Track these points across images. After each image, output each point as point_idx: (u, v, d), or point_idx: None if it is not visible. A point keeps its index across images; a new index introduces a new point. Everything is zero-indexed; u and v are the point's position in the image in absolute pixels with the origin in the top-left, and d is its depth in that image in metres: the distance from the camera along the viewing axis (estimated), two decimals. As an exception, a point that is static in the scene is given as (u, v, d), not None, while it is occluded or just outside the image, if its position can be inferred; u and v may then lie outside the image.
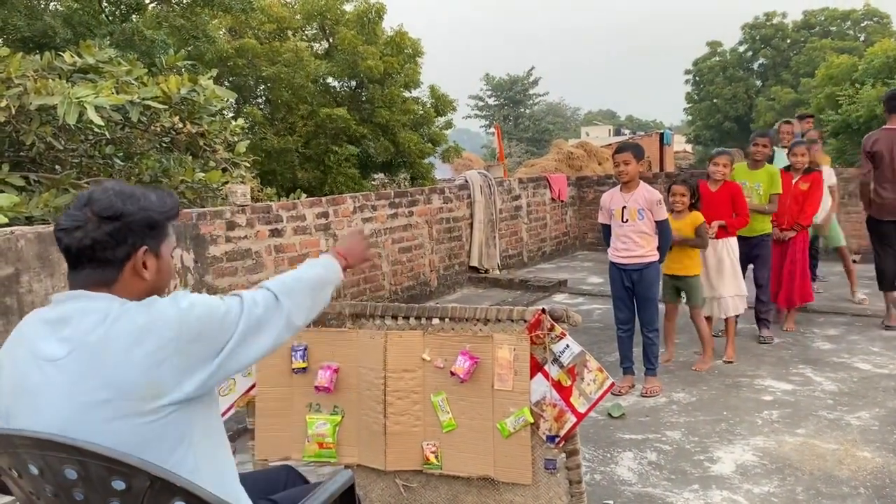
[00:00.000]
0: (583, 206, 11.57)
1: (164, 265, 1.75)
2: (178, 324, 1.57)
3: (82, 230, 1.60)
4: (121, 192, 1.66)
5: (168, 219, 1.75)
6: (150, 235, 1.69)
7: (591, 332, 6.38)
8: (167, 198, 1.76)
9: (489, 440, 2.91)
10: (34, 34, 9.80)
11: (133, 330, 1.55)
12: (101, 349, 1.53)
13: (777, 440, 3.94)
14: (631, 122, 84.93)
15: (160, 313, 1.58)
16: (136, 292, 1.67)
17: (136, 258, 1.66)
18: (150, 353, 1.52)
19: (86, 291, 1.61)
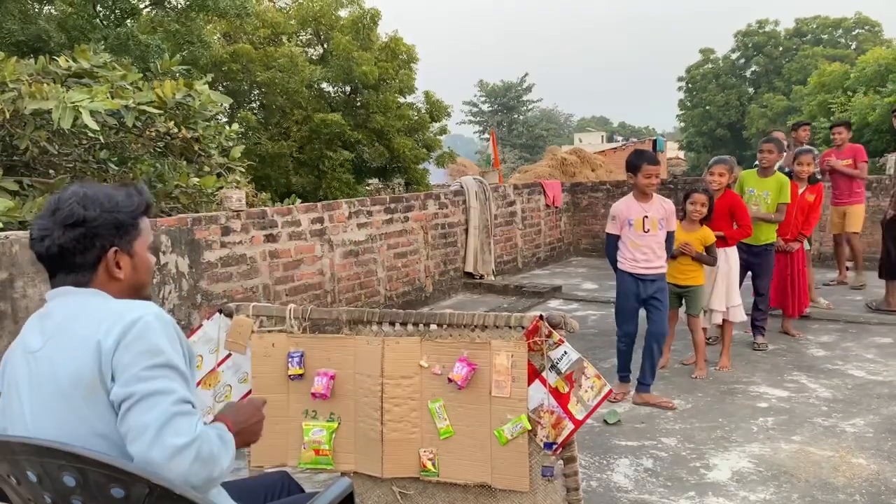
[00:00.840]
0: (577, 213, 11.59)
1: (139, 262, 1.77)
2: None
3: (49, 238, 1.65)
4: (84, 196, 1.68)
5: (136, 217, 1.75)
6: (118, 236, 1.71)
7: (586, 339, 6.38)
8: (135, 195, 1.77)
9: (486, 447, 2.90)
10: (28, 38, 9.78)
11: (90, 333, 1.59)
12: (67, 340, 1.60)
13: (772, 447, 3.94)
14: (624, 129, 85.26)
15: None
16: (114, 290, 1.72)
17: (106, 260, 1.69)
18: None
19: (71, 287, 1.68)
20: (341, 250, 6.70)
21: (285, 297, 6.08)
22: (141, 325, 1.57)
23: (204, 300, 5.36)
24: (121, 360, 1.53)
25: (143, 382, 1.50)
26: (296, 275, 6.20)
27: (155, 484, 1.38)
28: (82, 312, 1.63)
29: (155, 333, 1.58)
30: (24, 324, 1.69)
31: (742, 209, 5.25)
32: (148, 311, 1.61)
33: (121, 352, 1.53)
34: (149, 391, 1.50)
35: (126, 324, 1.56)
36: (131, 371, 1.52)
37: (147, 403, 1.49)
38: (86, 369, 1.53)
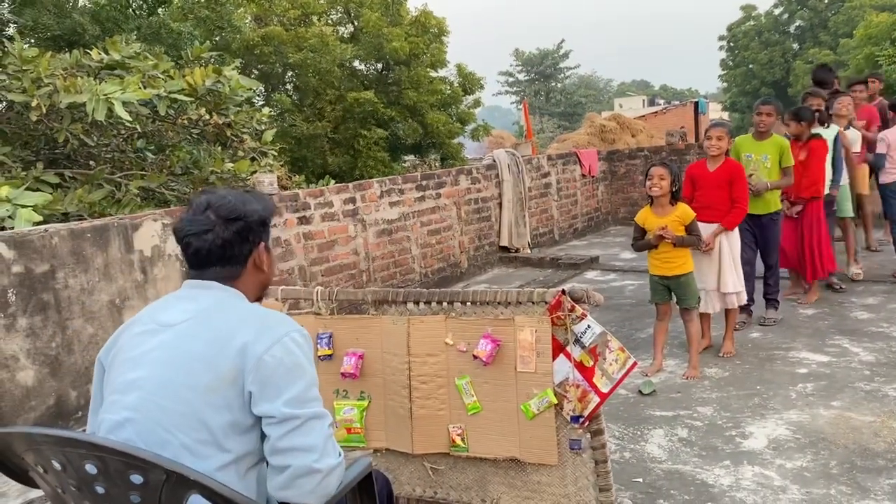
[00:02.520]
0: (615, 181, 11.44)
1: (272, 259, 1.94)
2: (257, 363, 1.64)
3: (212, 233, 1.75)
4: (235, 195, 1.83)
5: (271, 217, 1.90)
6: (264, 232, 1.85)
7: (622, 309, 6.33)
8: (266, 199, 1.92)
9: (514, 422, 2.92)
10: (63, 32, 9.96)
11: (230, 332, 1.68)
12: (211, 325, 1.68)
13: (811, 413, 3.88)
14: (665, 92, 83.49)
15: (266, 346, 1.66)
16: (255, 284, 1.86)
17: (257, 253, 1.83)
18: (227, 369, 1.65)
19: (214, 283, 1.78)
20: (374, 229, 6.74)
21: (321, 278, 6.16)
22: (291, 342, 1.68)
23: (241, 284, 5.45)
24: (273, 373, 1.62)
25: (306, 407, 1.64)
26: (330, 255, 6.27)
27: (171, 470, 1.43)
28: (228, 307, 1.73)
29: (304, 352, 1.71)
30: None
31: (742, 181, 4.82)
32: (294, 326, 1.73)
33: (271, 363, 1.63)
34: (312, 415, 1.65)
35: (277, 335, 1.67)
36: (291, 391, 1.63)
37: (311, 426, 1.64)
38: (225, 363, 1.62)
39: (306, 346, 1.72)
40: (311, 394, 1.68)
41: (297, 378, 1.65)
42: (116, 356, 1.74)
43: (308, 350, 1.73)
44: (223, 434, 1.61)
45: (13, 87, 5.86)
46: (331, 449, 1.67)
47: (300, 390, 1.64)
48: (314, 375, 1.72)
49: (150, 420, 1.59)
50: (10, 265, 4.11)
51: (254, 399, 1.62)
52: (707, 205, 4.87)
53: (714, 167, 4.88)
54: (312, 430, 1.64)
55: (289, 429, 1.61)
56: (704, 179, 4.92)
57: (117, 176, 6.80)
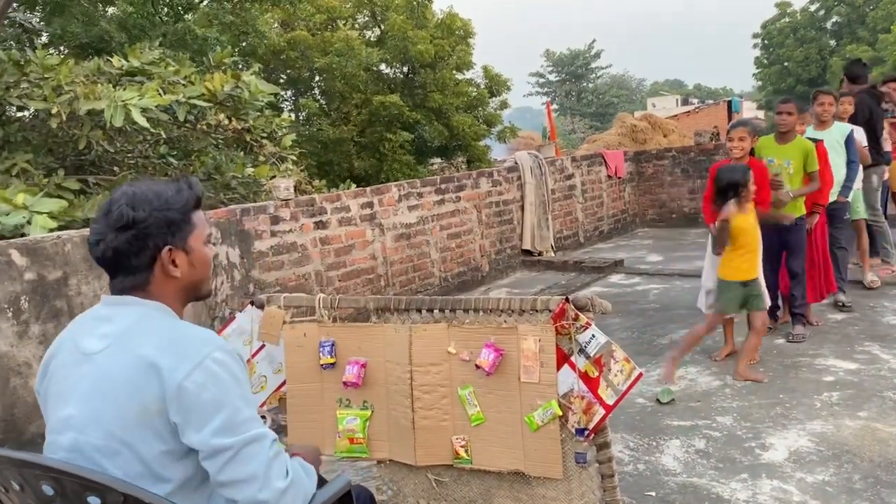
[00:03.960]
0: (642, 182, 11.26)
1: (196, 258, 1.73)
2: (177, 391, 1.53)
3: (104, 242, 1.63)
4: (132, 197, 1.65)
5: (186, 212, 1.70)
6: (170, 233, 1.67)
7: (646, 314, 6.19)
8: (185, 190, 1.72)
9: (518, 434, 2.83)
10: (91, 40, 10.11)
11: (147, 357, 1.56)
12: (128, 351, 1.57)
13: (836, 424, 3.73)
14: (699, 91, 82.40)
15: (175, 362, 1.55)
16: (173, 290, 1.71)
17: (161, 259, 1.66)
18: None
19: (134, 297, 1.66)
20: (392, 234, 6.69)
21: (338, 283, 6.12)
22: (213, 363, 1.55)
23: (257, 289, 5.44)
24: (196, 401, 1.51)
25: (238, 432, 1.53)
26: (347, 260, 6.23)
27: (126, 494, 1.38)
28: (147, 328, 1.61)
29: (230, 372, 1.57)
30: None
31: (765, 181, 4.61)
32: (216, 345, 1.60)
33: (193, 390, 1.51)
34: (247, 440, 1.53)
35: (197, 358, 1.54)
36: (219, 419, 1.51)
37: (248, 453, 1.53)
38: (147, 392, 1.52)
39: (233, 364, 1.59)
40: (242, 416, 1.55)
41: (223, 403, 1.53)
42: (49, 387, 1.66)
43: (236, 367, 1.60)
44: (159, 464, 1.52)
45: (34, 95, 5.93)
46: (275, 472, 1.56)
47: (228, 416, 1.52)
48: (245, 394, 1.59)
49: (87, 460, 1.52)
50: (23, 272, 4.14)
51: (180, 429, 1.52)
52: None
53: None
54: (250, 457, 1.53)
55: (223, 461, 1.51)
56: None
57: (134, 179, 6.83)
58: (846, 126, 5.67)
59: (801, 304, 5.17)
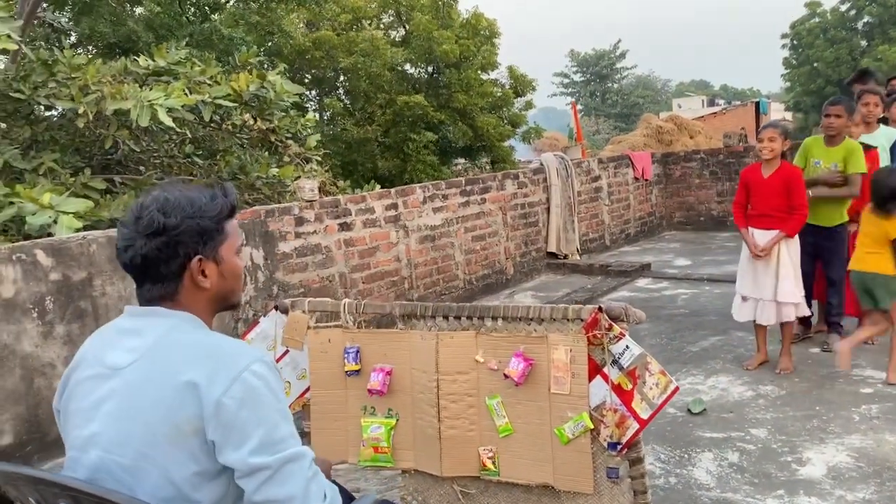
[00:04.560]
0: (669, 184, 11.09)
1: (227, 268, 1.66)
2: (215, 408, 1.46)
3: (132, 249, 1.56)
4: (165, 202, 1.57)
5: (220, 221, 1.63)
6: (201, 243, 1.59)
7: (674, 320, 6.06)
8: (219, 198, 1.65)
9: (548, 446, 2.75)
10: (119, 40, 10.18)
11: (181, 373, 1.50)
12: (160, 366, 1.51)
13: (876, 439, 3.60)
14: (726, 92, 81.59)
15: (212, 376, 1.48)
16: (203, 300, 1.64)
17: (191, 269, 1.59)
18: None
19: (162, 308, 1.60)
20: (417, 235, 6.63)
21: (362, 285, 6.07)
22: (252, 377, 1.48)
23: (280, 291, 5.40)
24: (235, 417, 1.44)
25: (277, 450, 1.46)
26: (372, 262, 6.18)
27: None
28: (175, 342, 1.55)
29: (268, 386, 1.51)
30: (103, 321, 1.66)
31: (800, 186, 4.45)
32: (253, 356, 1.53)
33: (232, 406, 1.44)
34: (286, 458, 1.47)
35: (235, 371, 1.47)
36: (258, 436, 1.45)
37: (287, 472, 1.46)
38: (181, 411, 1.45)
39: (271, 377, 1.53)
40: (282, 432, 1.49)
41: (262, 419, 1.46)
42: (69, 403, 1.59)
43: (274, 380, 1.53)
44: (190, 486, 1.46)
45: (62, 95, 5.95)
46: (314, 493, 1.49)
47: (268, 432, 1.46)
48: (284, 409, 1.53)
49: (115, 480, 1.45)
50: (48, 272, 4.13)
51: (217, 448, 1.45)
52: (763, 212, 4.59)
53: (769, 172, 4.55)
54: (289, 476, 1.46)
55: (261, 480, 1.44)
56: (759, 185, 4.60)
57: (166, 181, 6.84)
58: (893, 130, 5.38)
59: (838, 312, 5.00)
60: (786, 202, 4.50)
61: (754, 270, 4.61)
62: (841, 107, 4.81)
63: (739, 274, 4.79)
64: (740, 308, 4.79)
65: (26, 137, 6.15)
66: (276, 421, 1.48)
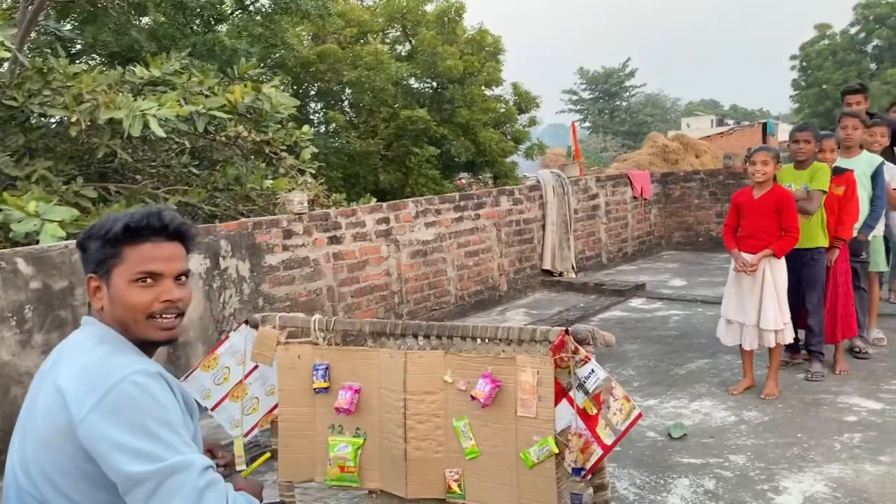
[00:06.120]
0: (669, 204, 11.05)
1: (114, 294, 1.59)
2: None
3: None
4: (99, 221, 1.66)
5: (111, 241, 1.59)
6: (96, 262, 1.62)
7: (664, 342, 6.01)
8: (126, 218, 1.61)
9: (513, 470, 2.70)
10: (122, 49, 10.23)
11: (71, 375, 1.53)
12: (55, 374, 1.56)
13: (855, 469, 3.53)
14: (735, 112, 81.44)
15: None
16: (110, 321, 1.63)
17: (87, 286, 1.66)
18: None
19: (94, 318, 1.65)
20: (408, 250, 6.60)
21: (350, 299, 6.04)
22: (130, 386, 1.46)
23: (266, 303, 5.38)
24: (108, 427, 1.41)
25: (157, 459, 1.39)
26: (361, 276, 6.16)
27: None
28: (79, 350, 1.58)
29: (149, 394, 1.47)
30: None
31: (791, 209, 4.45)
32: (136, 367, 1.50)
33: (104, 416, 1.42)
34: (168, 470, 1.39)
35: (113, 381, 1.46)
36: (135, 445, 1.40)
37: (172, 485, 1.38)
38: (60, 416, 1.47)
39: (154, 386, 1.48)
40: (163, 441, 1.42)
41: (139, 425, 1.41)
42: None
43: (157, 390, 1.48)
44: (75, 490, 1.45)
45: (56, 103, 5.97)
46: (210, 503, 1.41)
47: (145, 439, 1.40)
48: (168, 419, 1.46)
49: (15, 480, 1.50)
50: (29, 281, 4.12)
51: (95, 458, 1.42)
52: (752, 234, 4.56)
53: (759, 193, 4.53)
54: (176, 489, 1.38)
55: (146, 495, 1.38)
56: (749, 207, 4.57)
57: (161, 191, 6.85)
58: (876, 158, 5.32)
59: (819, 341, 4.91)
60: (775, 224, 4.48)
61: (739, 295, 4.57)
62: (809, 132, 4.82)
63: (725, 297, 4.75)
64: (726, 332, 4.75)
65: (20, 145, 6.17)
66: (154, 429, 1.42)
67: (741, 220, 4.66)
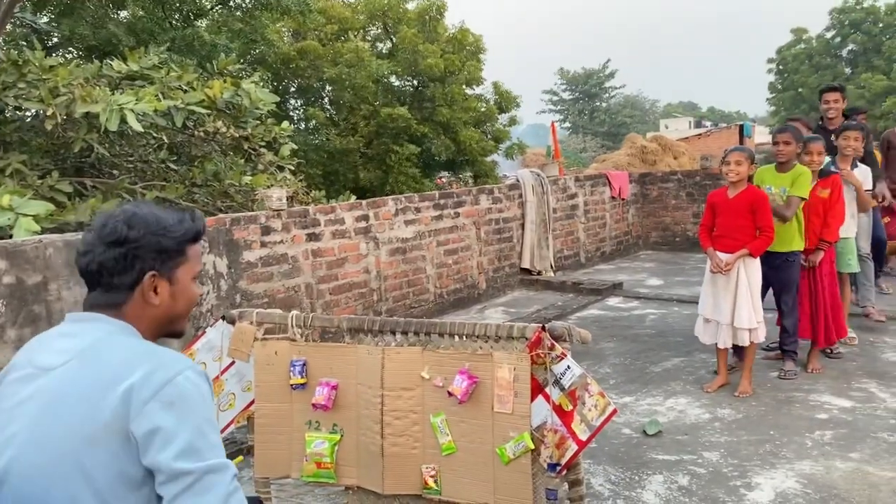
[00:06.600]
0: (646, 204, 11.14)
1: (180, 291, 1.68)
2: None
3: (91, 254, 1.59)
4: (132, 216, 1.61)
5: (182, 243, 1.66)
6: (159, 260, 1.63)
7: (640, 340, 6.06)
8: (186, 221, 1.69)
9: (489, 466, 2.72)
10: (99, 43, 10.11)
11: (115, 372, 1.48)
12: (92, 366, 1.50)
13: (826, 465, 3.59)
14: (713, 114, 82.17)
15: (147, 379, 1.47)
16: (149, 317, 1.65)
17: (143, 284, 1.61)
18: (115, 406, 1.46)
19: (103, 315, 1.60)
20: (388, 248, 6.60)
21: (329, 297, 6.03)
22: (185, 381, 1.48)
23: (244, 300, 5.35)
24: (164, 418, 1.43)
25: (202, 458, 1.44)
26: (340, 273, 6.15)
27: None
28: (112, 344, 1.54)
29: (200, 393, 1.51)
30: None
31: (765, 209, 4.47)
32: (188, 363, 1.54)
33: (161, 407, 1.43)
34: (209, 468, 1.44)
35: (169, 374, 1.47)
36: (184, 439, 1.43)
37: (208, 483, 1.43)
38: (108, 409, 1.43)
39: (204, 386, 1.52)
40: (208, 441, 1.47)
41: (191, 424, 1.44)
42: None
43: (206, 390, 1.52)
44: (111, 491, 1.42)
45: (31, 96, 5.89)
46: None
47: (194, 438, 1.44)
48: (213, 420, 1.52)
49: (26, 482, 1.42)
50: (2, 275, 4.06)
51: (141, 448, 1.42)
52: (727, 233, 4.61)
53: (734, 193, 4.58)
54: (210, 487, 1.42)
55: (181, 488, 1.40)
56: (724, 207, 4.61)
57: (138, 186, 6.79)
58: (866, 171, 5.48)
59: (792, 340, 4.97)
60: (750, 223, 4.52)
61: (715, 293, 4.63)
62: (788, 134, 4.81)
63: (702, 296, 4.81)
64: (704, 330, 4.80)
65: (-6, 138, 6.08)
66: (204, 429, 1.47)
67: (716, 219, 4.71)
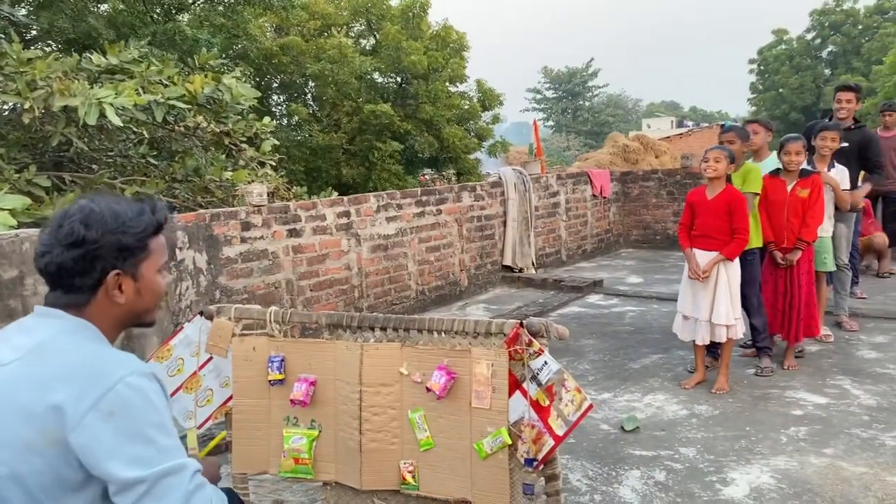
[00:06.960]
0: (627, 202, 11.20)
1: (145, 286, 1.65)
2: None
3: (49, 255, 1.55)
4: (88, 214, 1.56)
5: (143, 239, 1.62)
6: (121, 258, 1.59)
7: (619, 337, 6.10)
8: (146, 214, 1.64)
9: (467, 461, 2.73)
10: (79, 36, 10.00)
11: (61, 372, 1.47)
12: (36, 368, 1.48)
13: (800, 461, 3.64)
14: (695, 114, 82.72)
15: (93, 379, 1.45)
16: (114, 315, 1.63)
17: (107, 283, 1.58)
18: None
19: (62, 312, 1.57)
20: (369, 244, 6.60)
21: (309, 293, 6.02)
22: (126, 389, 1.44)
23: (223, 296, 5.33)
24: (104, 430, 1.40)
25: (153, 463, 1.41)
26: (321, 270, 6.13)
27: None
28: (60, 348, 1.51)
29: (144, 397, 1.47)
30: None
31: (742, 210, 4.52)
32: (132, 368, 1.49)
33: (100, 420, 1.40)
34: (163, 472, 1.42)
35: (108, 384, 1.44)
36: (131, 449, 1.41)
37: (163, 487, 1.41)
38: (45, 418, 1.41)
39: (150, 389, 1.48)
40: (157, 446, 1.44)
41: (135, 432, 1.41)
42: None
43: (153, 391, 1.49)
44: (49, 496, 1.41)
45: (8, 89, 5.82)
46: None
47: (141, 445, 1.41)
48: (162, 422, 1.48)
49: None
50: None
51: (85, 461, 1.40)
52: (705, 233, 4.65)
53: (713, 194, 4.61)
54: (167, 491, 1.41)
55: (136, 496, 1.39)
56: (703, 207, 4.66)
57: (118, 181, 6.73)
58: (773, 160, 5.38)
59: (764, 337, 5.04)
60: (728, 224, 4.57)
61: (693, 290, 4.67)
62: (732, 133, 4.91)
63: (680, 293, 4.85)
64: (682, 327, 4.84)
65: (-31, 132, 6.01)
66: (150, 434, 1.44)
67: (695, 219, 4.75)
